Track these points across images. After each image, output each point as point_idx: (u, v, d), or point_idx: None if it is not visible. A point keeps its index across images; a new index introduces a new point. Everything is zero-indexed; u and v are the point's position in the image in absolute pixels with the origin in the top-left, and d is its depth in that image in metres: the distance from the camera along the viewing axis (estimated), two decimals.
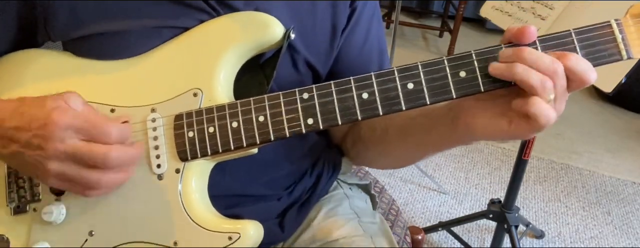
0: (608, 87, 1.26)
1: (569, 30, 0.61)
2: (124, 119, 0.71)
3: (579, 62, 0.59)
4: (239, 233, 0.69)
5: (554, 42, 0.61)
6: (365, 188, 1.06)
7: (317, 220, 0.92)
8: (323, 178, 0.94)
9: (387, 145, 0.85)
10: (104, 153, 0.64)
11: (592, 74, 0.59)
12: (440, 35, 4.28)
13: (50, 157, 0.63)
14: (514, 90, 0.61)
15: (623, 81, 1.22)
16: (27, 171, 0.70)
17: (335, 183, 1.01)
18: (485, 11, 1.68)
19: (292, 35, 0.72)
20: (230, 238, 0.69)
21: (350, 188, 1.02)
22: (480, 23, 4.43)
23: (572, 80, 0.59)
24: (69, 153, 0.63)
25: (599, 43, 0.60)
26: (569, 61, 0.58)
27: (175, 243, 0.70)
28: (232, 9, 0.75)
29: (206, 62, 0.72)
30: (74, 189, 0.67)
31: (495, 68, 0.61)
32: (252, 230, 0.70)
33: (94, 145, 0.64)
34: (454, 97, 0.63)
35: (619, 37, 0.60)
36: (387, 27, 4.19)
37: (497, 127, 0.63)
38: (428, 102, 0.63)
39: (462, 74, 0.63)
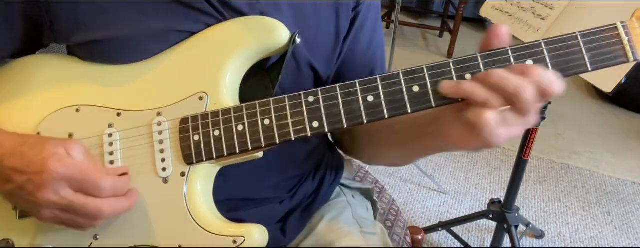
0: (608, 87, 1.26)
1: (575, 33, 0.61)
2: (122, 171, 0.72)
3: (545, 76, 0.58)
4: (243, 237, 0.69)
5: (560, 45, 0.61)
6: (367, 194, 1.06)
7: (319, 228, 0.92)
8: (326, 182, 0.95)
9: (380, 146, 0.86)
10: (96, 209, 0.66)
11: (557, 87, 0.58)
12: (440, 35, 4.28)
13: (42, 205, 0.65)
14: None
15: (623, 81, 1.22)
16: (25, 210, 0.72)
17: (338, 189, 1.01)
18: (485, 11, 1.68)
19: (298, 40, 0.72)
20: (235, 241, 0.69)
21: (352, 195, 1.02)
22: (480, 23, 4.43)
23: (538, 93, 0.58)
24: (60, 205, 0.65)
25: (605, 45, 0.60)
26: (535, 76, 0.58)
27: (180, 246, 0.70)
28: (238, 13, 0.75)
29: (212, 66, 0.72)
30: (69, 227, 0.70)
31: (445, 88, 0.61)
32: (256, 234, 0.70)
33: (87, 200, 0.66)
34: (460, 100, 0.63)
35: (625, 39, 0.60)
36: (387, 27, 4.20)
37: (464, 137, 0.63)
38: (434, 105, 0.63)
39: (468, 76, 0.63)
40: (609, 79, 1.26)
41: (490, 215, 1.89)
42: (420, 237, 1.24)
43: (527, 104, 0.57)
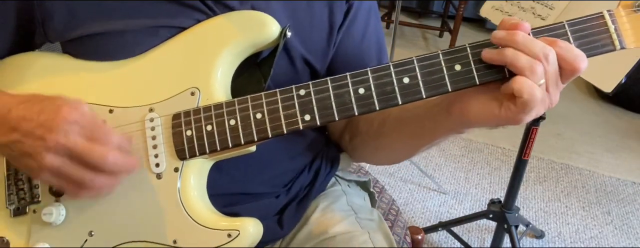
0: (608, 87, 1.26)
1: (562, 22, 0.61)
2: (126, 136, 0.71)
3: (571, 49, 0.59)
4: (238, 231, 0.69)
5: (548, 34, 0.61)
6: (364, 186, 1.05)
7: (314, 216, 0.91)
8: (321, 174, 0.94)
9: (384, 138, 0.85)
10: (102, 155, 0.64)
11: (582, 62, 0.59)
12: (440, 35, 4.28)
13: (50, 148, 0.63)
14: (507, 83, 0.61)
15: (623, 81, 1.22)
16: (22, 163, 0.68)
17: (333, 179, 1.01)
18: (485, 11, 1.68)
19: (289, 34, 0.73)
20: (229, 235, 0.69)
21: (348, 185, 1.02)
22: (480, 23, 4.43)
23: (563, 67, 0.60)
24: (68, 148, 0.63)
25: (592, 34, 0.61)
26: (560, 48, 0.59)
27: (174, 241, 0.71)
28: (228, 8, 0.75)
29: (203, 61, 0.72)
30: (65, 186, 0.67)
31: (487, 52, 0.62)
32: (251, 228, 0.70)
33: (94, 145, 0.64)
34: (450, 90, 0.64)
35: (611, 27, 0.61)
36: (387, 27, 4.20)
37: (489, 111, 0.64)
38: (424, 96, 0.64)
39: (458, 67, 0.63)
40: (609, 79, 1.26)
41: (490, 215, 1.88)
42: (420, 237, 1.24)
43: (554, 70, 0.59)
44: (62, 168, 0.64)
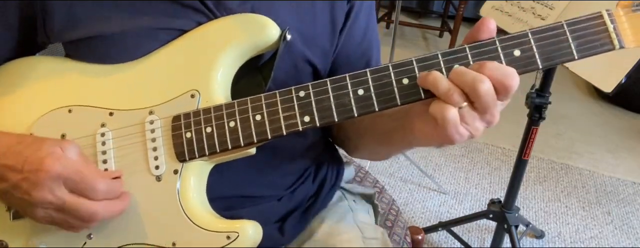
0: (608, 87, 1.26)
1: (561, 22, 0.61)
2: (116, 174, 0.72)
3: (498, 68, 0.59)
4: (237, 233, 0.69)
5: (547, 34, 0.61)
6: (369, 198, 1.06)
7: (320, 232, 0.91)
8: (326, 185, 0.95)
9: (361, 138, 0.88)
10: (90, 211, 0.66)
11: (512, 80, 0.58)
12: (440, 35, 4.29)
13: (36, 204, 0.65)
14: None
15: (623, 81, 1.22)
16: (18, 209, 0.72)
17: (339, 193, 1.01)
18: (485, 11, 1.68)
19: (288, 37, 0.72)
20: (228, 237, 0.69)
21: (354, 200, 1.02)
22: None
23: (495, 87, 0.59)
24: (55, 205, 0.65)
25: (591, 33, 0.60)
26: (490, 70, 0.58)
27: (173, 243, 0.70)
28: (228, 10, 0.75)
29: (203, 64, 0.72)
30: (62, 228, 0.70)
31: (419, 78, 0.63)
32: (250, 230, 0.70)
33: (81, 202, 0.65)
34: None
35: (610, 27, 0.60)
36: (387, 27, 4.20)
37: (427, 130, 0.65)
38: (423, 97, 0.63)
39: (456, 66, 0.63)
40: (609, 78, 1.26)
41: (490, 215, 1.88)
42: (420, 237, 1.24)
43: (486, 97, 0.58)
44: (54, 218, 0.67)
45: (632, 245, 2.10)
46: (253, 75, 0.75)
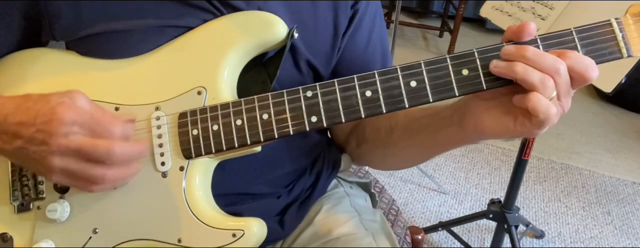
0: (608, 87, 1.26)
1: (570, 29, 0.61)
2: (129, 117, 0.71)
3: (581, 60, 0.59)
4: (242, 231, 0.69)
5: (555, 41, 0.62)
6: (365, 187, 1.06)
7: (317, 218, 0.92)
8: (322, 176, 0.94)
9: (393, 146, 0.85)
10: (107, 149, 0.63)
11: (593, 71, 0.59)
12: (440, 35, 4.28)
13: (54, 152, 0.63)
14: (517, 88, 0.61)
15: (623, 81, 1.23)
16: (31, 167, 0.69)
17: (335, 181, 1.01)
18: (485, 11, 1.68)
19: (296, 35, 0.73)
20: (234, 235, 0.69)
21: (350, 186, 1.02)
22: (480, 23, 4.44)
23: (573, 77, 0.60)
24: (72, 149, 0.63)
25: (599, 41, 0.61)
26: (570, 59, 0.59)
27: (179, 240, 0.71)
28: (235, 9, 0.75)
29: (210, 61, 0.72)
30: (78, 184, 0.67)
31: (496, 66, 0.61)
32: (255, 228, 0.70)
33: (97, 141, 0.64)
34: (457, 94, 0.64)
35: (619, 35, 0.61)
36: (387, 27, 4.19)
37: (504, 125, 0.64)
38: (431, 100, 0.64)
39: (465, 72, 0.63)
40: (609, 79, 1.26)
41: (490, 215, 1.89)
42: (420, 237, 1.24)
43: (565, 82, 0.59)
44: (71, 168, 0.64)
45: (632, 245, 2.10)
46: (258, 71, 0.76)
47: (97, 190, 0.68)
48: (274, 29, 0.72)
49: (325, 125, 0.67)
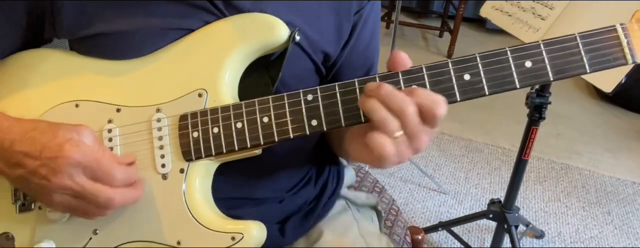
0: (608, 87, 1.26)
1: (574, 35, 0.61)
2: (130, 159, 0.72)
3: (427, 96, 0.59)
4: (242, 234, 0.69)
5: (559, 46, 0.61)
6: (372, 205, 1.05)
7: (325, 243, 0.90)
8: (328, 189, 0.95)
9: (331, 142, 0.91)
10: (108, 198, 0.65)
11: (440, 108, 0.59)
12: (440, 35, 4.28)
13: (55, 189, 0.65)
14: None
15: (623, 81, 1.22)
16: (31, 194, 0.72)
17: (343, 204, 1.01)
18: (485, 11, 1.68)
19: (297, 37, 0.73)
20: (233, 238, 0.69)
21: (358, 209, 1.02)
22: (480, 23, 4.43)
23: (423, 114, 0.59)
24: (74, 190, 0.65)
25: (604, 47, 0.60)
26: (418, 97, 0.59)
27: (178, 242, 0.71)
28: (238, 10, 0.75)
29: (211, 63, 0.72)
30: (76, 215, 0.70)
31: (359, 100, 0.63)
32: (255, 231, 0.70)
33: (99, 188, 0.65)
34: (458, 99, 0.64)
35: (624, 41, 0.60)
36: (387, 27, 4.20)
37: (362, 157, 0.67)
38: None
39: (467, 77, 0.63)
40: (609, 79, 1.26)
41: (490, 215, 1.89)
42: (420, 237, 1.24)
43: (413, 123, 0.59)
44: (71, 205, 0.67)
45: (632, 245, 2.11)
46: (260, 74, 0.76)
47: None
48: (275, 31, 0.72)
49: (325, 128, 0.67)
